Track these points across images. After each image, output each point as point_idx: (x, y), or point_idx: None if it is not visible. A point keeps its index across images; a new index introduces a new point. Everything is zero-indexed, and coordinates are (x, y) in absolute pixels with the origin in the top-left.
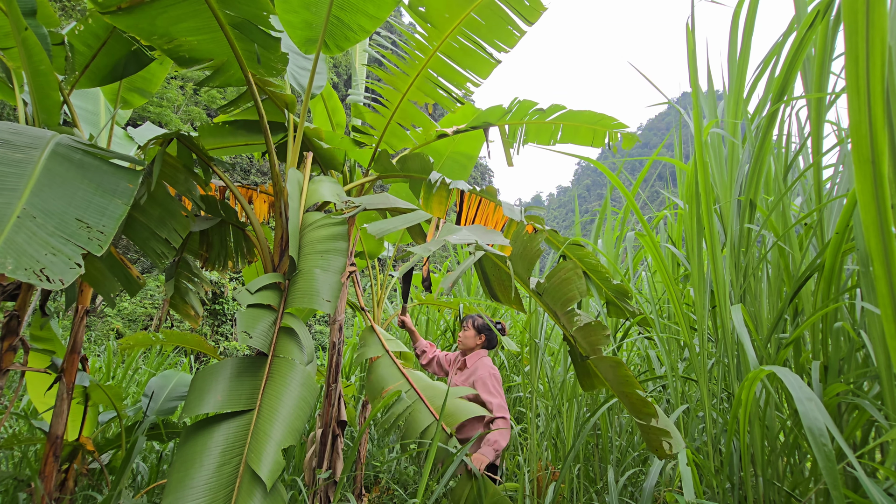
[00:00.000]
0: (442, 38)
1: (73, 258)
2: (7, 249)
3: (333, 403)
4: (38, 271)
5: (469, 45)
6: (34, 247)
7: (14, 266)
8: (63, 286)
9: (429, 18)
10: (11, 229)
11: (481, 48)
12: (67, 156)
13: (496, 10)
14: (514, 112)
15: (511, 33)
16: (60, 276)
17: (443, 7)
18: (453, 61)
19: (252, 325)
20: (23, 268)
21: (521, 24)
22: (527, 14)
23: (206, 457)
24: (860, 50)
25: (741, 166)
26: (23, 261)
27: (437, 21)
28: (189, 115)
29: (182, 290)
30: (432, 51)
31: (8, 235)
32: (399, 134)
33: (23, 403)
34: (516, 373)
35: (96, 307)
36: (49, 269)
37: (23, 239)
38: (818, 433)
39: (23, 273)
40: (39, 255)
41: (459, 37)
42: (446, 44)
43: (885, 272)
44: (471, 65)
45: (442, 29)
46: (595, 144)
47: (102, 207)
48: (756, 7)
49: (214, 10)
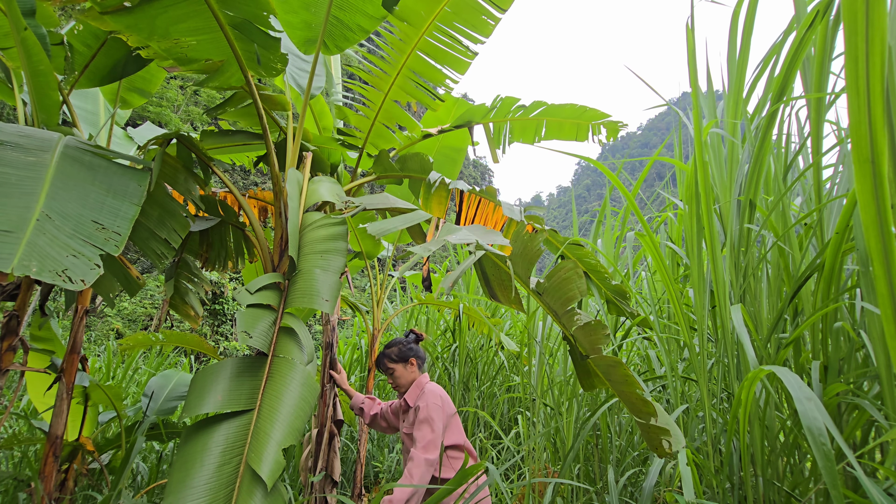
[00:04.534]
0: (419, 34)
1: (92, 259)
2: (31, 252)
3: (329, 403)
4: (60, 272)
5: (446, 40)
6: (56, 249)
7: (39, 268)
8: (85, 286)
9: (404, 17)
10: (33, 232)
11: (457, 41)
12: (77, 158)
13: (468, 2)
14: (498, 109)
15: (485, 23)
16: (82, 276)
17: (417, 4)
18: (432, 58)
19: (252, 324)
20: (47, 269)
21: (493, 11)
22: (499, 1)
23: (206, 457)
24: (860, 50)
25: (741, 166)
26: (47, 263)
27: (412, 18)
28: (189, 115)
29: (182, 290)
30: (410, 48)
31: (30, 238)
32: (384, 135)
33: (23, 403)
34: (516, 373)
35: (96, 307)
36: (71, 270)
37: (44, 242)
38: (817, 433)
39: (48, 275)
40: (61, 257)
41: (436, 32)
42: (423, 41)
43: (885, 272)
44: (449, 61)
45: (418, 26)
46: (579, 138)
47: (115, 209)
48: (756, 7)
49: (214, 11)
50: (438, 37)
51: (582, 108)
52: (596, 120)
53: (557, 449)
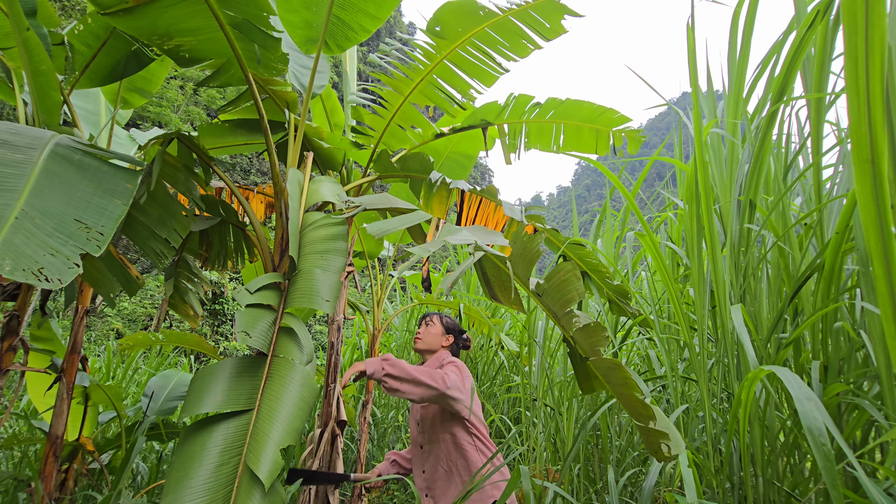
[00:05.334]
0: (451, 47)
1: (71, 258)
2: (5, 250)
3: (332, 403)
4: (36, 271)
5: (478, 55)
6: (32, 247)
7: (12, 267)
8: (61, 286)
9: (444, 35)
10: (9, 230)
11: (491, 58)
12: (67, 156)
13: (513, 28)
14: (512, 108)
15: (525, 47)
16: (59, 275)
17: (457, 23)
18: (460, 69)
19: (252, 324)
20: (21, 268)
21: (538, 39)
22: (546, 33)
23: (205, 457)
24: (860, 50)
25: (741, 166)
26: (21, 261)
27: (447, 33)
28: (189, 115)
29: (181, 290)
30: (439, 59)
31: (6, 236)
32: (398, 135)
33: (23, 403)
34: (516, 373)
35: (96, 307)
36: (47, 269)
37: (20, 240)
38: (817, 433)
39: (20, 273)
40: (37, 256)
41: (469, 47)
42: (455, 53)
43: (885, 272)
44: (477, 73)
45: (452, 40)
46: (599, 151)
47: (101, 208)
48: (756, 7)
49: (215, 11)
50: (472, 52)
51: (601, 108)
52: (616, 126)
53: (557, 449)
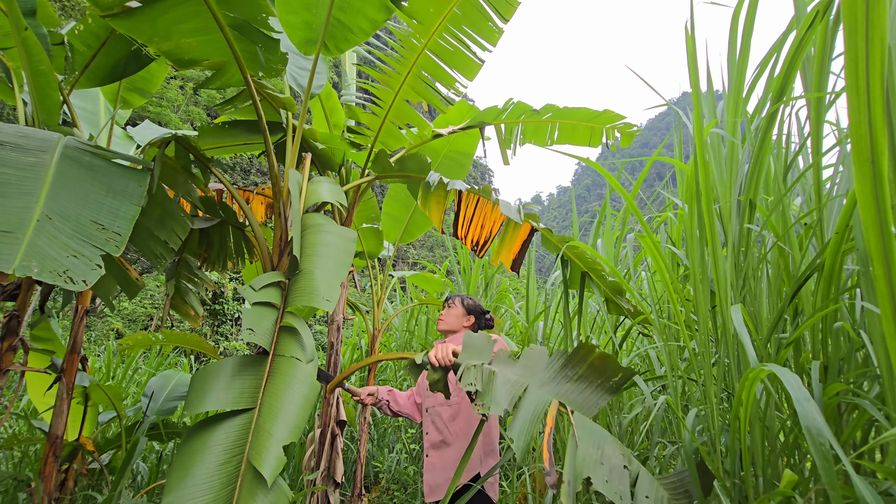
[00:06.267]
0: (429, 34)
1: (93, 259)
2: (31, 253)
3: (332, 403)
4: (61, 273)
5: (455, 43)
6: (55, 249)
7: (39, 269)
8: (87, 286)
9: (413, 14)
10: (33, 233)
11: (466, 47)
12: (77, 158)
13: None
14: (510, 112)
15: (491, 30)
16: (83, 277)
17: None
18: (441, 60)
19: (257, 322)
20: (48, 270)
21: (497, 21)
22: (502, 10)
23: (207, 455)
24: (860, 50)
25: (741, 166)
26: (47, 263)
27: (421, 16)
28: (189, 115)
29: (182, 290)
30: (421, 48)
31: (30, 239)
32: (395, 134)
33: (23, 403)
34: None
35: (96, 307)
36: (72, 270)
37: (44, 242)
38: (816, 433)
39: (48, 275)
40: (61, 258)
41: (445, 33)
42: (433, 41)
43: (885, 272)
44: (458, 64)
45: (428, 24)
46: (592, 144)
47: (115, 209)
48: (756, 7)
49: (214, 12)
50: (447, 38)
51: (596, 112)
52: (610, 123)
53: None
